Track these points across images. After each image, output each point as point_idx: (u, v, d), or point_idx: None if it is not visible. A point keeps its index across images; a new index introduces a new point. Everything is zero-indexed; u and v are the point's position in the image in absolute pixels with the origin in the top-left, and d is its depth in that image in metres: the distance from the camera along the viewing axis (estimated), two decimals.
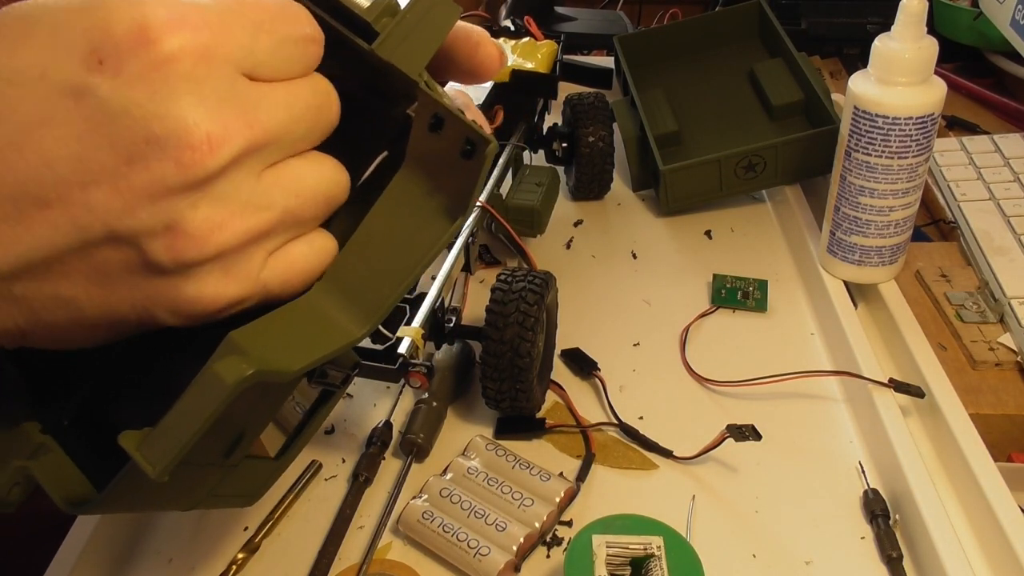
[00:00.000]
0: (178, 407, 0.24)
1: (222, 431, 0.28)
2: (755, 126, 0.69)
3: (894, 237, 0.53)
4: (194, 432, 0.24)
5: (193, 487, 0.30)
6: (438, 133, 0.28)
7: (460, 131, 0.28)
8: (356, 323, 0.28)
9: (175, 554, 0.43)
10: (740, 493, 0.45)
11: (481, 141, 0.27)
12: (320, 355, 0.27)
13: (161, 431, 0.25)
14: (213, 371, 0.24)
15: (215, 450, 0.29)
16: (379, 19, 0.28)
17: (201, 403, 0.24)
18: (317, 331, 0.28)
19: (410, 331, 0.43)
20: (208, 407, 0.24)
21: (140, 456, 0.24)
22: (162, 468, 0.24)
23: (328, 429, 0.50)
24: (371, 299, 0.28)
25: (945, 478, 0.45)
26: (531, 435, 0.49)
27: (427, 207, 0.29)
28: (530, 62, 0.62)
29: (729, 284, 0.59)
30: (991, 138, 0.69)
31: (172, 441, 0.24)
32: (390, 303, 0.28)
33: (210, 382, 0.24)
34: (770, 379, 0.51)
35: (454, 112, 0.28)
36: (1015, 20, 0.70)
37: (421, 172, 0.29)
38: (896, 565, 0.41)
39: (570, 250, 0.65)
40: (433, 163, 0.29)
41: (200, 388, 0.24)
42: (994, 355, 0.50)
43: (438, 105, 0.28)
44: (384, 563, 0.42)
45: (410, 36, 0.28)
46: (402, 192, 0.29)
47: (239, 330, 0.25)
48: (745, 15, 0.76)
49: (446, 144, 0.28)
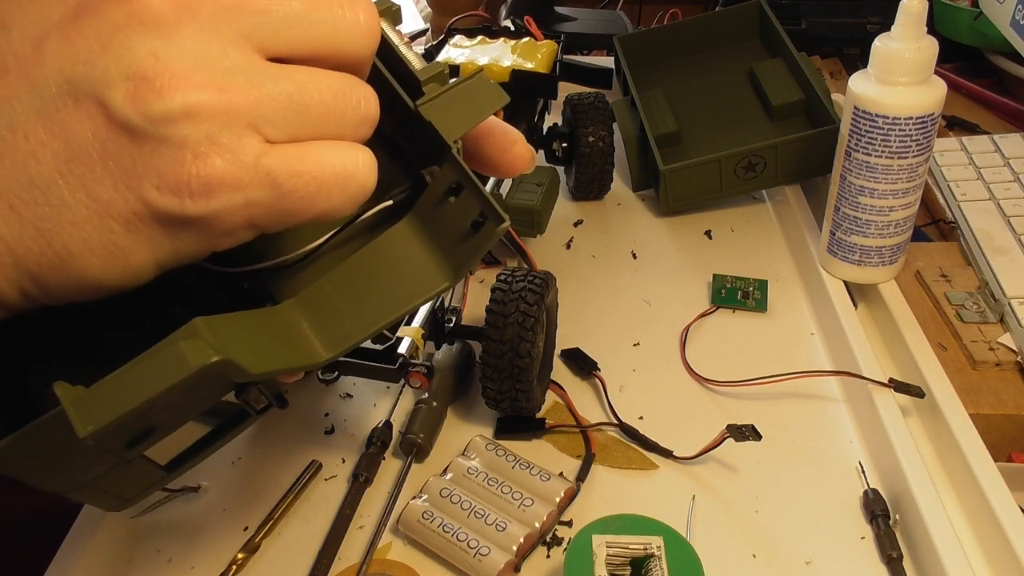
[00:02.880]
0: (127, 373, 0.23)
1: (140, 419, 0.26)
2: (755, 126, 0.69)
3: (894, 237, 0.53)
4: (139, 403, 0.23)
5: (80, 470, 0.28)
6: (454, 199, 0.29)
7: (477, 203, 0.28)
8: (324, 347, 0.28)
9: (175, 554, 0.43)
10: (740, 493, 0.45)
11: (495, 217, 0.28)
12: (283, 366, 0.27)
13: (103, 392, 0.23)
14: (178, 347, 0.23)
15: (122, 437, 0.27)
16: (428, 82, 0.29)
17: (156, 376, 0.23)
18: (285, 343, 0.28)
19: (410, 331, 0.43)
20: (162, 382, 0.23)
21: (74, 411, 0.23)
22: (93, 429, 0.23)
23: (328, 429, 0.50)
24: (339, 331, 0.29)
25: (945, 478, 0.45)
26: (531, 435, 0.49)
27: (421, 263, 0.29)
28: (530, 62, 0.62)
29: (729, 284, 0.59)
30: (991, 138, 0.69)
31: (113, 404, 0.23)
32: (356, 341, 0.29)
33: (171, 356, 0.23)
34: (770, 379, 0.51)
35: (477, 184, 0.28)
36: (1015, 20, 0.70)
37: (424, 229, 0.30)
38: (896, 565, 0.41)
39: (570, 250, 0.65)
40: (440, 225, 0.29)
41: (158, 359, 0.23)
42: (994, 355, 0.50)
43: (464, 174, 0.29)
44: (384, 563, 0.42)
45: (453, 105, 0.29)
46: (399, 242, 0.30)
47: (205, 318, 0.25)
48: (745, 15, 0.76)
49: (459, 211, 0.29)
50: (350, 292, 0.29)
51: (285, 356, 0.27)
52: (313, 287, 0.29)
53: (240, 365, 0.25)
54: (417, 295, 0.29)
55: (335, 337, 0.29)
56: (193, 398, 0.28)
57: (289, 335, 0.28)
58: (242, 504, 0.45)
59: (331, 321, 0.29)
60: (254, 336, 0.27)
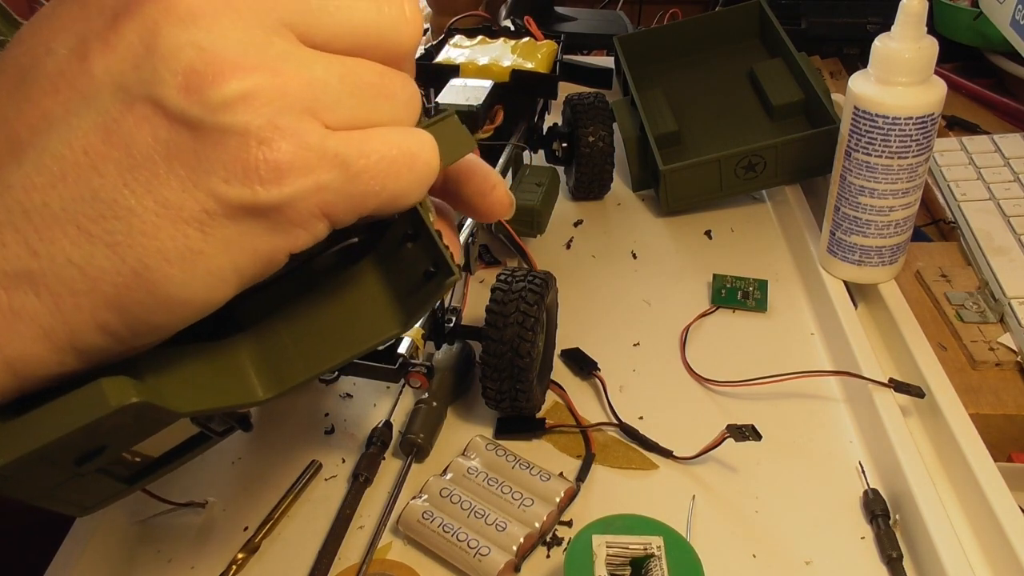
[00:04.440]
0: (51, 406, 0.23)
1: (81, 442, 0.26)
2: (755, 126, 0.69)
3: (894, 237, 0.53)
4: (52, 439, 0.23)
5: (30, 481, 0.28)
6: (411, 245, 0.28)
7: (430, 253, 0.28)
8: (262, 386, 0.28)
9: (175, 554, 0.43)
10: (740, 493, 0.45)
11: (445, 269, 0.28)
12: (216, 405, 0.27)
13: (21, 425, 0.23)
14: (100, 387, 0.23)
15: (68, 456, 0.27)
16: None
17: (74, 412, 0.23)
18: (223, 380, 0.27)
19: (410, 331, 0.43)
20: (78, 419, 0.23)
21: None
22: (5, 462, 0.23)
23: (328, 429, 0.50)
24: (285, 371, 0.28)
25: (945, 478, 0.45)
26: (531, 435, 0.49)
27: (373, 306, 0.29)
28: (530, 62, 0.62)
29: (729, 284, 0.59)
30: (991, 138, 0.69)
31: (25, 440, 0.23)
32: (300, 381, 0.28)
33: (93, 395, 0.23)
34: (770, 379, 0.51)
35: (432, 233, 0.28)
36: (1015, 20, 0.70)
37: (382, 272, 0.29)
38: (896, 565, 0.41)
39: (570, 250, 0.65)
40: (396, 270, 0.29)
41: (80, 397, 0.23)
42: (994, 355, 0.50)
43: (420, 222, 0.28)
44: (384, 563, 0.42)
45: None
46: (357, 283, 0.29)
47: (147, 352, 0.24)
48: (745, 15, 0.76)
49: (414, 258, 0.28)
50: (301, 331, 0.29)
51: (222, 394, 0.27)
52: (265, 323, 0.29)
53: (165, 407, 0.24)
54: (366, 340, 0.28)
55: (277, 377, 0.28)
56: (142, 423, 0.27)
57: (231, 373, 0.28)
58: (242, 504, 0.45)
59: (277, 360, 0.28)
60: (194, 373, 0.26)
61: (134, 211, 0.22)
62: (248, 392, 0.28)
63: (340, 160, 0.24)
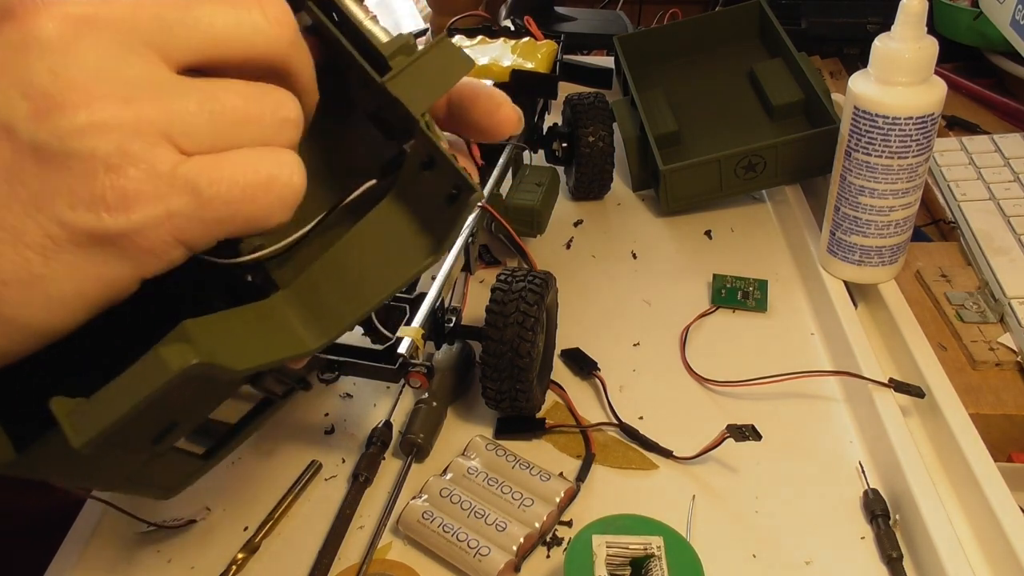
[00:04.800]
0: (117, 382, 0.24)
1: (155, 417, 0.27)
2: (755, 126, 0.69)
3: (894, 237, 0.53)
4: (126, 410, 0.24)
5: (113, 468, 0.30)
6: (429, 172, 0.29)
7: (450, 175, 0.28)
8: (311, 336, 0.29)
9: (175, 554, 0.43)
10: (740, 493, 0.45)
11: (467, 188, 0.28)
12: (270, 359, 0.27)
13: (94, 402, 0.24)
14: (159, 354, 0.24)
15: (144, 435, 0.28)
16: (395, 55, 0.29)
17: (140, 383, 0.24)
18: (272, 335, 0.28)
19: (410, 331, 0.43)
20: (146, 388, 0.24)
21: (67, 423, 0.24)
22: (86, 440, 0.24)
23: (328, 429, 0.50)
24: (329, 319, 0.29)
25: (945, 478, 0.45)
26: (531, 435, 0.49)
27: (404, 240, 0.29)
28: (530, 62, 0.62)
29: (729, 284, 0.59)
30: (991, 138, 0.69)
31: (102, 414, 0.24)
32: (347, 325, 0.29)
33: (153, 364, 0.24)
34: (770, 379, 0.51)
35: (447, 156, 0.28)
36: (1015, 20, 0.70)
37: (405, 206, 0.30)
38: (896, 565, 0.41)
39: (570, 250, 0.65)
40: (418, 200, 0.29)
41: (142, 368, 0.24)
42: (994, 355, 0.50)
43: (433, 147, 0.29)
44: (384, 563, 0.42)
45: (420, 77, 0.29)
46: (383, 221, 0.30)
47: (194, 320, 0.25)
48: (745, 15, 0.76)
49: (434, 185, 0.29)
50: (338, 277, 0.29)
51: (273, 349, 0.28)
52: (303, 276, 0.29)
53: (223, 364, 0.25)
54: (403, 274, 0.29)
55: (323, 326, 0.29)
56: (205, 393, 0.29)
57: (278, 328, 0.28)
58: (242, 504, 0.45)
59: (319, 310, 0.29)
60: (242, 332, 0.27)
61: None
62: (298, 344, 0.28)
63: (191, 187, 0.24)
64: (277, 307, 0.29)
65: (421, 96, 0.29)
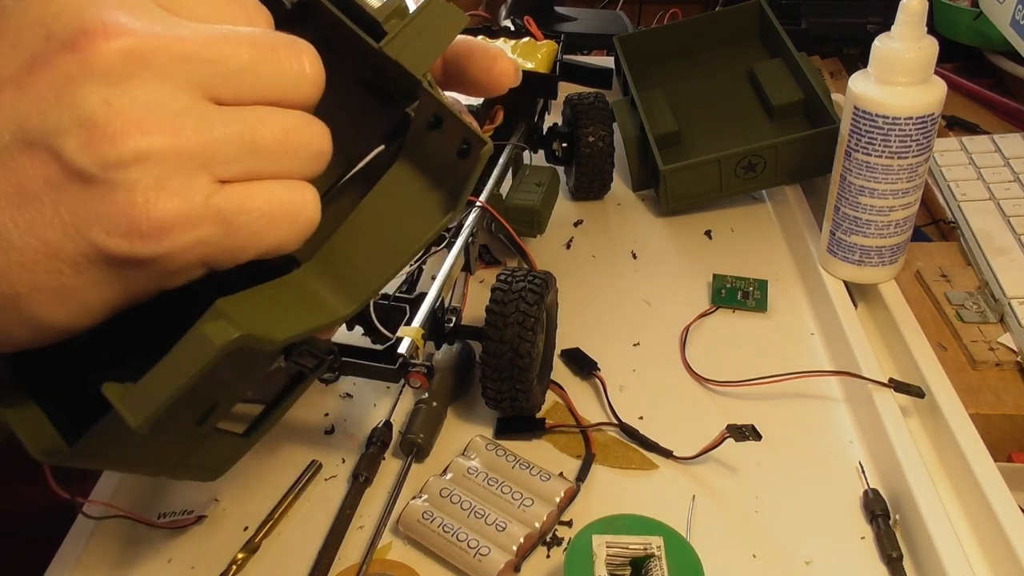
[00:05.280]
0: (163, 364, 0.25)
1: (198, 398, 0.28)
2: (755, 126, 0.69)
3: (894, 237, 0.53)
4: (177, 388, 0.25)
5: (163, 452, 0.31)
6: (436, 131, 0.29)
7: (458, 131, 0.29)
8: (342, 303, 0.29)
9: (175, 554, 0.43)
10: (740, 493, 0.45)
11: (477, 141, 0.29)
12: (305, 328, 0.28)
13: (145, 384, 0.25)
14: (201, 332, 0.25)
15: (189, 417, 0.29)
16: (388, 20, 0.29)
17: (187, 361, 0.25)
18: (303, 306, 0.29)
19: (410, 331, 0.43)
20: (193, 365, 0.25)
21: (122, 406, 0.25)
22: (143, 419, 0.25)
23: (328, 429, 0.50)
24: (358, 283, 0.30)
25: (945, 478, 0.45)
26: (531, 435, 0.49)
27: (419, 200, 0.30)
28: (530, 62, 0.62)
29: (729, 284, 0.59)
30: (991, 138, 0.69)
31: (155, 394, 0.25)
32: (375, 288, 0.30)
33: (197, 342, 0.25)
34: (770, 379, 0.51)
35: (454, 112, 0.29)
36: (1015, 20, 0.70)
37: (416, 167, 0.30)
38: (896, 565, 0.41)
39: (570, 250, 0.65)
40: (429, 160, 0.30)
41: (186, 347, 0.25)
42: (994, 355, 0.50)
43: (439, 105, 0.29)
44: (384, 563, 0.42)
45: (417, 38, 0.29)
46: (396, 184, 0.30)
47: (226, 298, 0.26)
48: (745, 15, 0.76)
49: (443, 142, 0.29)
50: (360, 244, 0.30)
51: (307, 319, 0.29)
52: (325, 247, 0.30)
53: (263, 336, 0.26)
54: (423, 234, 0.30)
55: (351, 293, 0.30)
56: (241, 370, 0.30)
57: (308, 298, 0.29)
58: (242, 504, 0.45)
59: (346, 277, 0.30)
60: (275, 306, 0.28)
61: (14, 245, 0.24)
62: (330, 312, 0.29)
63: (222, 217, 0.25)
64: (304, 279, 0.29)
65: (421, 56, 0.29)
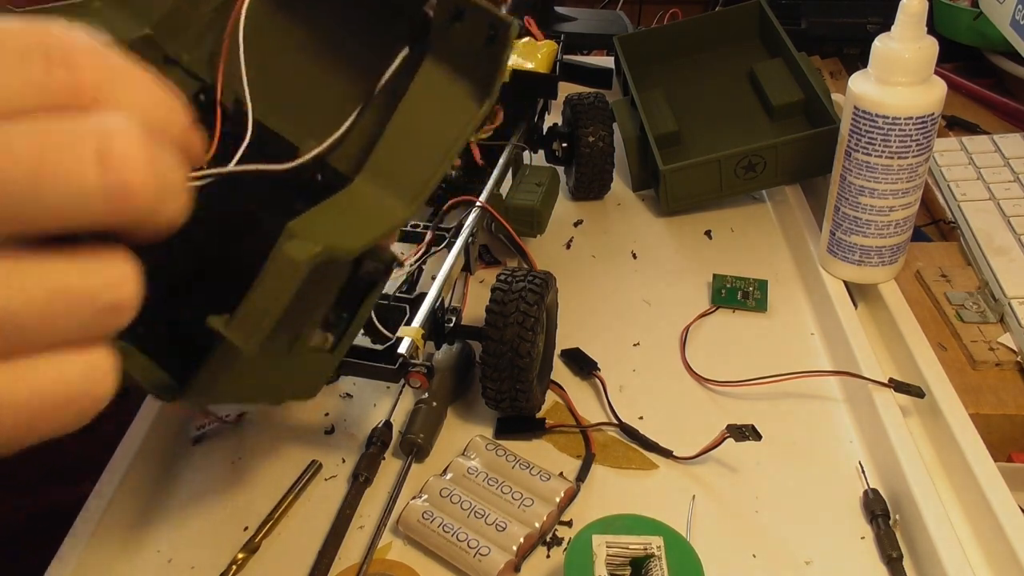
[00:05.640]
0: (256, 290, 0.26)
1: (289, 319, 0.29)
2: (755, 126, 0.69)
3: (894, 237, 0.53)
4: (276, 309, 0.26)
5: (266, 377, 0.31)
6: (459, 23, 0.30)
7: (482, 18, 0.30)
8: (402, 204, 0.30)
9: (175, 554, 0.43)
10: (740, 493, 0.45)
11: (503, 25, 0.29)
12: (376, 233, 0.29)
13: (245, 312, 0.26)
14: (285, 253, 0.26)
15: (283, 340, 0.30)
16: None
17: (278, 283, 0.26)
18: (368, 214, 0.30)
19: (410, 331, 0.43)
20: (285, 285, 0.26)
21: (230, 333, 0.26)
22: (254, 343, 0.26)
23: (328, 429, 0.50)
24: (412, 182, 0.30)
25: (945, 478, 0.45)
26: (531, 435, 0.49)
27: (453, 93, 0.31)
28: (530, 62, 0.62)
29: (729, 284, 0.59)
30: (991, 138, 0.69)
31: (257, 318, 0.26)
32: (431, 184, 0.30)
33: (283, 263, 0.26)
34: (770, 379, 0.51)
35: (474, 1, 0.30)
36: (1015, 20, 0.70)
37: (445, 62, 0.31)
38: (896, 565, 0.41)
39: (570, 250, 0.65)
40: (456, 53, 0.31)
41: (274, 270, 0.26)
42: (994, 355, 0.50)
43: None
44: (384, 563, 0.42)
45: None
46: (429, 82, 0.31)
47: (294, 221, 0.27)
48: (745, 15, 0.76)
49: (468, 32, 0.30)
50: (407, 145, 0.31)
51: (375, 224, 0.30)
52: (372, 157, 0.31)
53: (341, 247, 0.27)
54: (466, 123, 0.31)
55: (410, 191, 0.30)
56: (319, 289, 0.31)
57: (370, 206, 0.30)
58: (242, 504, 0.45)
59: (400, 179, 0.31)
60: (341, 219, 0.29)
61: None
62: (393, 214, 0.30)
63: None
64: (361, 189, 0.30)
65: None
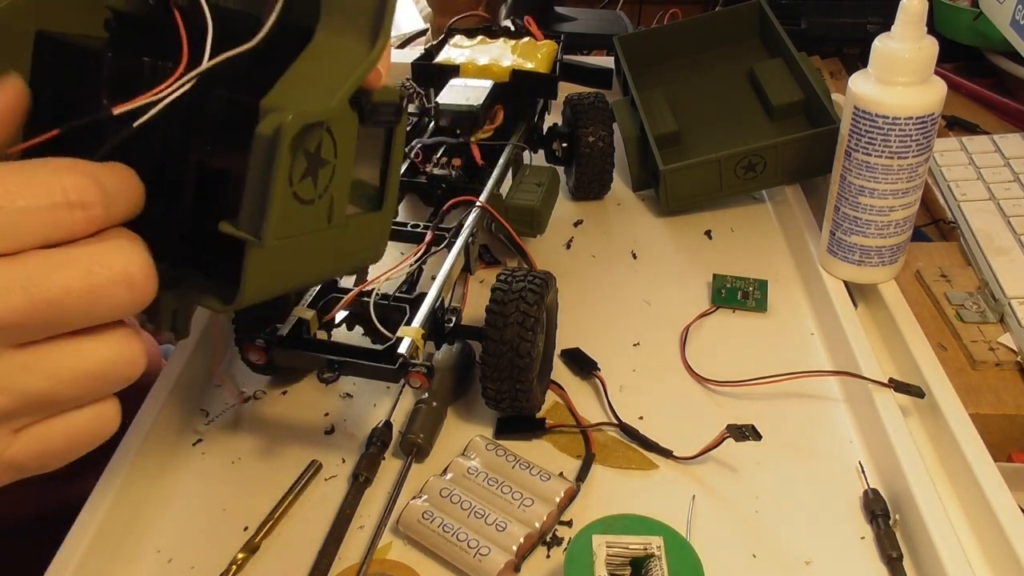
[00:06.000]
0: (250, 180, 0.26)
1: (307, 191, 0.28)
2: (755, 126, 0.69)
3: (894, 237, 0.53)
4: (275, 192, 0.26)
5: (315, 255, 0.31)
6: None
7: None
8: (365, 44, 0.29)
9: (175, 554, 0.43)
10: (740, 493, 0.45)
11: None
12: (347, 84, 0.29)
13: (246, 207, 0.26)
14: (261, 134, 0.26)
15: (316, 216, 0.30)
16: None
17: (266, 165, 0.26)
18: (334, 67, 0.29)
19: (410, 331, 0.43)
20: (273, 165, 0.26)
21: (243, 232, 0.26)
22: (268, 234, 0.26)
23: (328, 429, 0.50)
24: (368, 15, 0.30)
25: (945, 478, 0.45)
26: (531, 435, 0.49)
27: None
28: (530, 62, 0.62)
29: (729, 284, 0.59)
30: (991, 138, 0.69)
31: (261, 208, 0.26)
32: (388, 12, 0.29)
33: (263, 144, 0.26)
34: (770, 379, 0.51)
35: None
36: (1015, 20, 0.70)
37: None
38: (896, 565, 0.41)
39: (570, 250, 0.65)
40: None
41: (257, 153, 0.26)
42: (994, 355, 0.50)
43: None
44: (384, 563, 0.42)
45: None
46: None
47: (267, 96, 0.27)
48: (745, 15, 0.76)
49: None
50: None
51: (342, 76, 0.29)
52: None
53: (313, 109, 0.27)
54: None
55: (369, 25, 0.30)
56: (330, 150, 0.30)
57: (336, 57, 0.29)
58: (242, 504, 0.45)
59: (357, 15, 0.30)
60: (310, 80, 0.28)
61: None
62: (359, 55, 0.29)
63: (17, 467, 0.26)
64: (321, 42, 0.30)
65: None
